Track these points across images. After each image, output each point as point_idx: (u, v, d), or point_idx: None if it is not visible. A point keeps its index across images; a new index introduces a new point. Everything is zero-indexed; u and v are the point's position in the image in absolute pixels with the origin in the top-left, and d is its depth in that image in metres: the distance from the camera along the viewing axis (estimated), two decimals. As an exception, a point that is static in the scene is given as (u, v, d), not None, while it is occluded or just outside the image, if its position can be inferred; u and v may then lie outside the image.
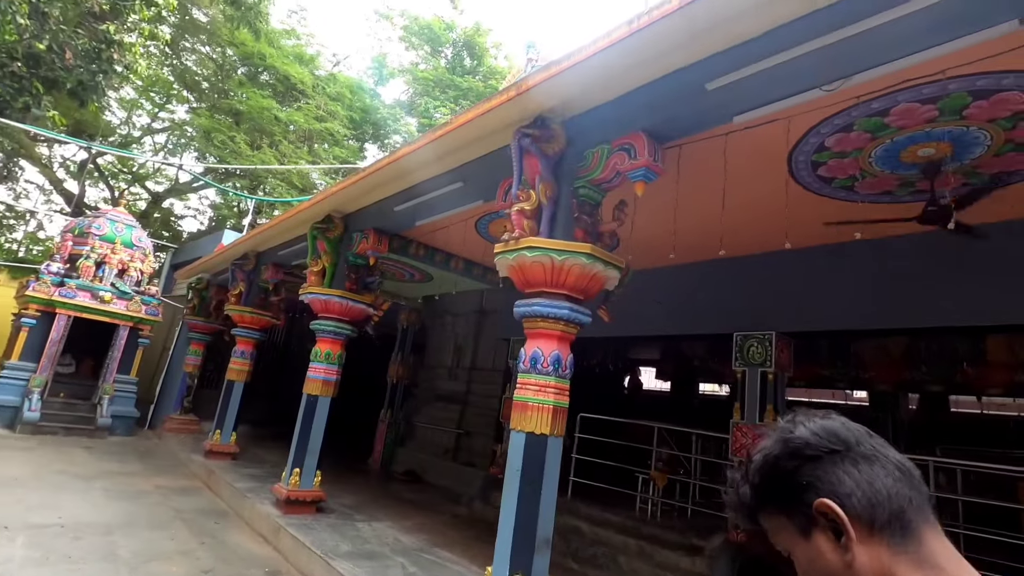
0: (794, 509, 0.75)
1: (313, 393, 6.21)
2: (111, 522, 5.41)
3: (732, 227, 4.96)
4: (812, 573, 0.74)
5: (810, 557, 0.74)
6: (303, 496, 5.93)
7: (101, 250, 11.08)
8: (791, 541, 0.76)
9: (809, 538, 0.74)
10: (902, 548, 0.68)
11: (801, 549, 0.75)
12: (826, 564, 0.72)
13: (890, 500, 0.69)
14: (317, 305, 6.33)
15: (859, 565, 0.68)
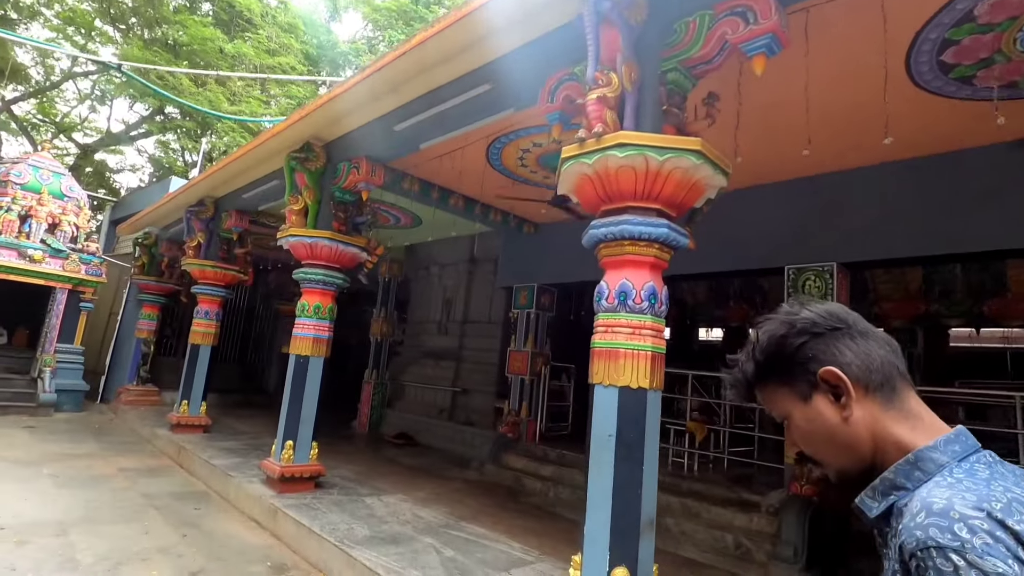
0: (797, 378, 0.85)
1: (302, 353, 5.28)
2: (66, 518, 4.45)
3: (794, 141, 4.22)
4: (810, 431, 0.86)
5: (809, 417, 0.85)
6: (300, 472, 5.09)
7: (24, 201, 9.52)
8: (790, 405, 0.87)
9: (809, 401, 0.85)
10: (889, 405, 0.81)
11: (800, 411, 0.86)
12: (825, 421, 0.83)
13: (882, 367, 0.82)
14: (301, 251, 5.32)
15: (855, 420, 0.81)
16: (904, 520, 0.70)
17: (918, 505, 0.69)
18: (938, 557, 0.63)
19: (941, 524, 0.65)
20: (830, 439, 0.84)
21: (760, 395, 0.92)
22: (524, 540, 4.34)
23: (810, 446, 0.88)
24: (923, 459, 0.76)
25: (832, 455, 0.85)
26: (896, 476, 0.77)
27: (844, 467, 0.85)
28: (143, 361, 10.46)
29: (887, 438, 0.80)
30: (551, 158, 5.26)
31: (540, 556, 3.99)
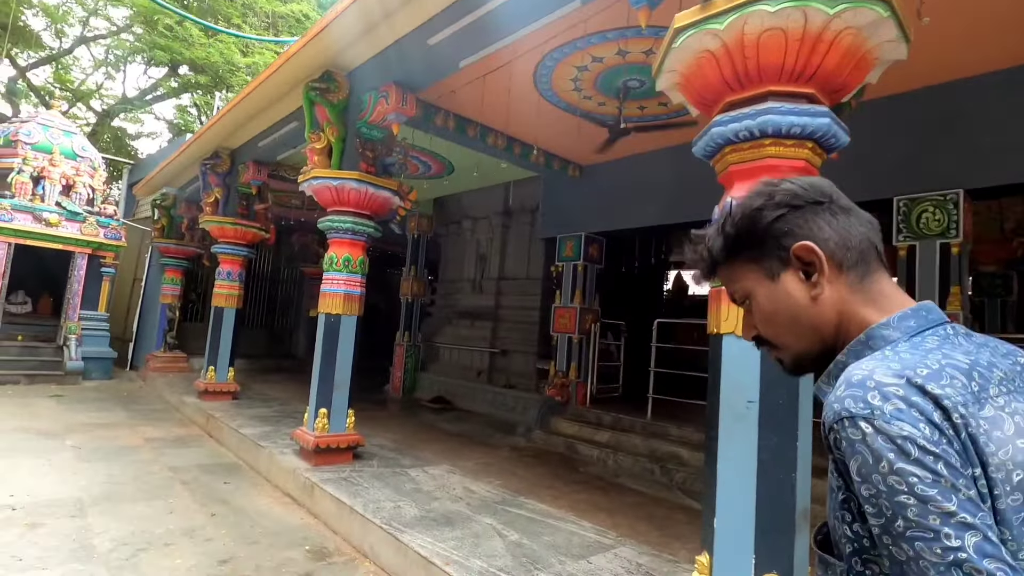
0: (768, 254, 0.77)
1: (333, 312, 4.71)
2: (85, 495, 4.03)
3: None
4: (773, 312, 0.78)
5: (775, 297, 0.78)
6: (336, 442, 4.59)
7: (36, 162, 9.05)
8: (754, 284, 0.79)
9: (777, 280, 0.77)
10: (860, 285, 0.74)
11: (766, 290, 0.78)
12: (791, 301, 0.76)
13: (860, 244, 0.74)
14: (326, 195, 4.68)
15: (823, 299, 0.74)
16: (827, 397, 0.66)
17: (841, 379, 0.65)
18: (848, 427, 0.60)
19: (856, 394, 0.61)
20: (794, 320, 0.77)
21: (723, 274, 0.84)
22: (594, 518, 3.77)
23: (770, 327, 0.80)
24: (874, 336, 0.71)
25: (793, 337, 0.79)
26: (848, 357, 0.73)
27: (804, 350, 0.79)
28: (169, 327, 10.14)
29: (852, 318, 0.74)
30: (612, 76, 4.46)
31: (618, 539, 3.42)
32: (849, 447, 0.60)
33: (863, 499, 0.59)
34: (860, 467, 0.59)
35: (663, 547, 3.39)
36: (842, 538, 0.66)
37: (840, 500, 0.66)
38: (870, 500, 0.58)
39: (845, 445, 0.60)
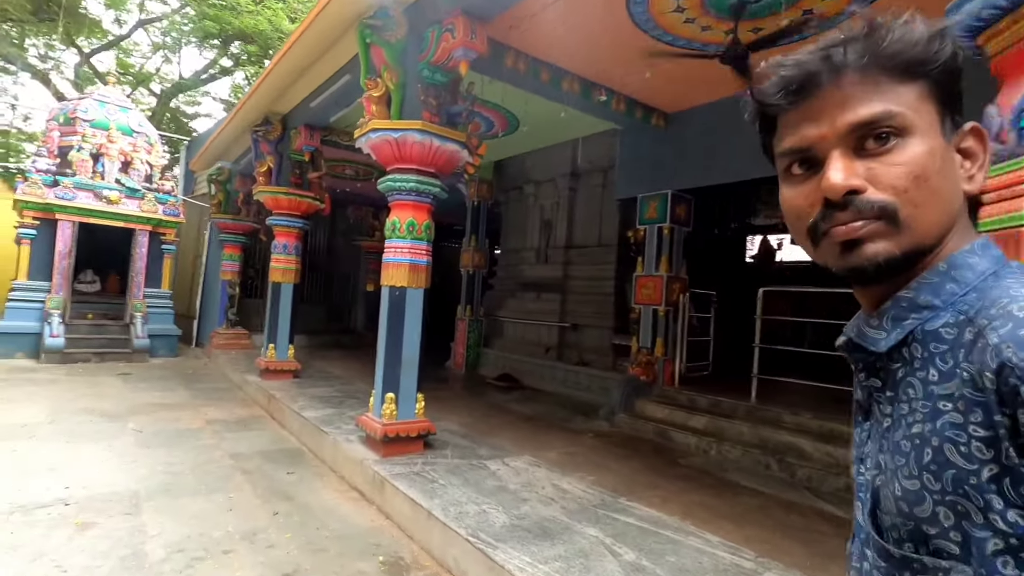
0: (947, 107, 0.56)
1: (397, 284, 4.15)
2: (141, 487, 3.70)
3: None
4: (938, 172, 0.54)
5: (946, 157, 0.56)
6: (406, 430, 4.08)
7: (95, 139, 8.94)
8: (923, 124, 0.54)
9: (947, 141, 0.56)
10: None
11: (934, 143, 0.55)
12: (955, 178, 0.56)
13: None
14: (386, 150, 4.08)
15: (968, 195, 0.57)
16: (1002, 330, 0.45)
17: (996, 309, 0.47)
18: None
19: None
20: (952, 198, 0.56)
21: (875, 84, 0.54)
22: (718, 529, 3.10)
23: (918, 187, 0.53)
24: (958, 265, 0.55)
25: (938, 214, 0.55)
26: (918, 293, 0.55)
27: (934, 237, 0.55)
28: (230, 304, 10.04)
29: (953, 242, 0.56)
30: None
31: (759, 560, 2.74)
32: None
33: None
34: None
35: (818, 571, 2.69)
36: (979, 530, 0.46)
37: (987, 478, 0.45)
38: None
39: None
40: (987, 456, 0.46)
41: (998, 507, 0.45)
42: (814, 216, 0.57)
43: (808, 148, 0.57)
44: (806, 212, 0.58)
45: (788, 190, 0.60)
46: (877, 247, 0.54)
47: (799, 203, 0.59)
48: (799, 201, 0.59)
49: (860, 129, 0.54)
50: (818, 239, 0.57)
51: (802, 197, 0.58)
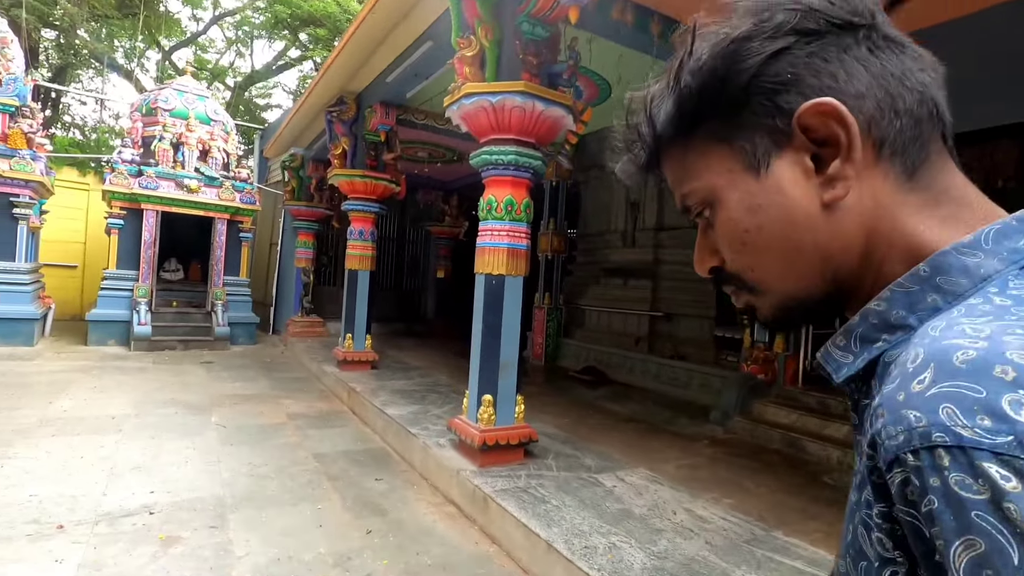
0: (749, 126, 0.44)
1: (495, 272, 3.65)
2: (226, 493, 3.42)
3: None
4: (754, 226, 0.45)
5: (756, 201, 0.45)
6: (505, 437, 3.61)
7: (175, 128, 9.00)
8: (722, 181, 0.46)
9: (762, 171, 0.44)
10: (913, 180, 0.42)
11: (742, 190, 0.45)
12: (787, 208, 0.44)
13: (916, 108, 0.41)
14: (481, 119, 3.56)
15: (847, 204, 0.42)
16: (887, 386, 0.34)
17: (920, 353, 0.33)
18: (951, 468, 0.28)
19: (968, 397, 0.29)
20: (786, 240, 0.45)
21: (670, 165, 0.50)
22: None
23: (744, 254, 0.47)
24: (946, 268, 0.38)
25: (782, 269, 0.46)
26: (890, 306, 0.40)
27: (797, 292, 0.46)
28: (305, 291, 9.99)
29: (896, 238, 0.42)
30: None
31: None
32: (951, 510, 0.28)
33: None
34: (982, 561, 0.27)
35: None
36: None
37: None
38: None
39: (939, 504, 0.28)
40: (887, 554, 0.34)
41: None
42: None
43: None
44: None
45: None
46: (759, 313, 0.50)
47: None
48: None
49: (688, 214, 0.51)
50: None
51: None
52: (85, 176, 11.22)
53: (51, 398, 5.23)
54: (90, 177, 11.27)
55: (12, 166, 7.48)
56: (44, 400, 5.15)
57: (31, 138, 7.80)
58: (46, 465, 3.63)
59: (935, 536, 0.30)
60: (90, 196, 11.16)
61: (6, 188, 7.52)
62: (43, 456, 3.77)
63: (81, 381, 6.01)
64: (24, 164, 7.57)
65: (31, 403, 5.02)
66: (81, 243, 11.16)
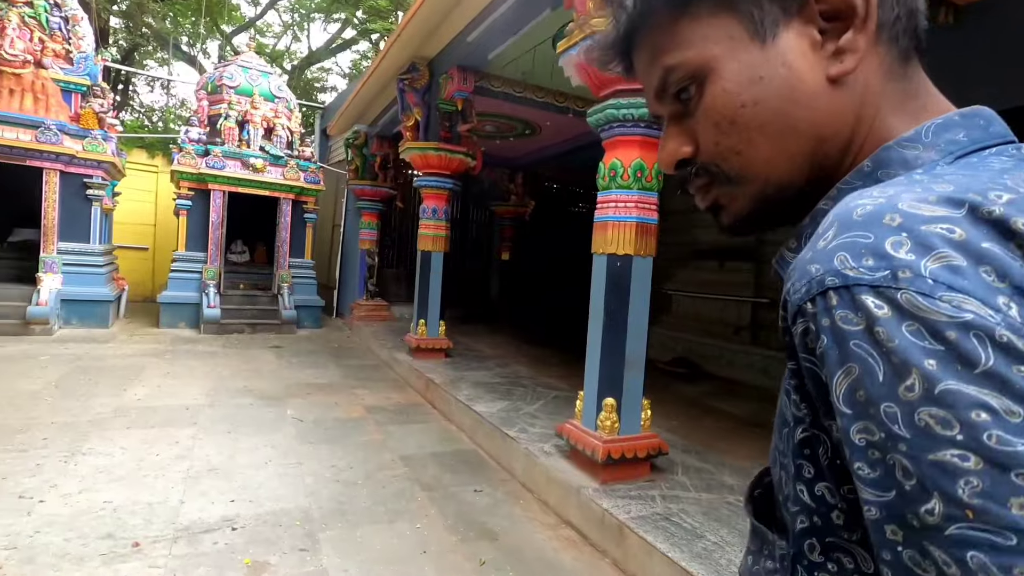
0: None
1: (619, 252, 3.04)
2: (312, 506, 2.99)
3: None
4: (751, 99, 0.43)
5: (757, 72, 0.42)
6: (632, 449, 3.02)
7: (239, 106, 8.76)
8: (721, 49, 0.43)
9: (767, 40, 0.42)
10: (900, 70, 0.43)
11: (743, 60, 0.43)
12: (789, 79, 0.42)
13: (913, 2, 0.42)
14: (599, 75, 2.92)
15: (850, 81, 0.42)
16: (801, 253, 0.36)
17: (829, 219, 0.35)
18: (839, 307, 0.31)
19: (859, 242, 0.31)
20: (782, 116, 0.42)
21: (650, 37, 0.47)
22: None
23: (730, 132, 0.44)
24: (887, 162, 0.40)
25: (771, 151, 0.43)
26: (835, 203, 0.38)
27: (782, 178, 0.44)
28: (369, 274, 9.66)
29: (875, 128, 0.42)
30: None
31: None
32: (835, 344, 0.31)
33: (851, 447, 0.30)
34: (856, 384, 0.30)
35: None
36: (792, 504, 0.38)
37: (799, 440, 0.37)
38: (867, 450, 0.29)
39: (827, 341, 0.31)
40: (799, 412, 0.37)
41: (807, 476, 0.37)
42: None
43: (656, 116, 0.51)
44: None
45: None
46: (729, 208, 0.48)
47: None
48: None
49: (664, 95, 0.48)
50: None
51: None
52: (154, 158, 11.25)
53: (125, 384, 5.03)
54: (159, 159, 11.29)
55: (85, 146, 7.39)
56: (119, 386, 4.94)
57: (102, 118, 7.69)
58: (120, 463, 3.32)
59: (827, 377, 0.32)
60: (159, 178, 11.20)
61: (79, 169, 7.44)
62: (117, 452, 3.47)
63: (154, 366, 5.83)
64: (96, 145, 7.47)
65: (107, 390, 4.81)
66: (151, 225, 11.24)
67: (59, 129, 7.11)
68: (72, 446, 3.51)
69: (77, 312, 7.47)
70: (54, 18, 7.39)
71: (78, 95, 7.61)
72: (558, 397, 4.90)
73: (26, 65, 7.08)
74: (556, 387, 5.29)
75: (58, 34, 7.41)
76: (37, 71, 7.20)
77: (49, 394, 4.55)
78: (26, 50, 7.07)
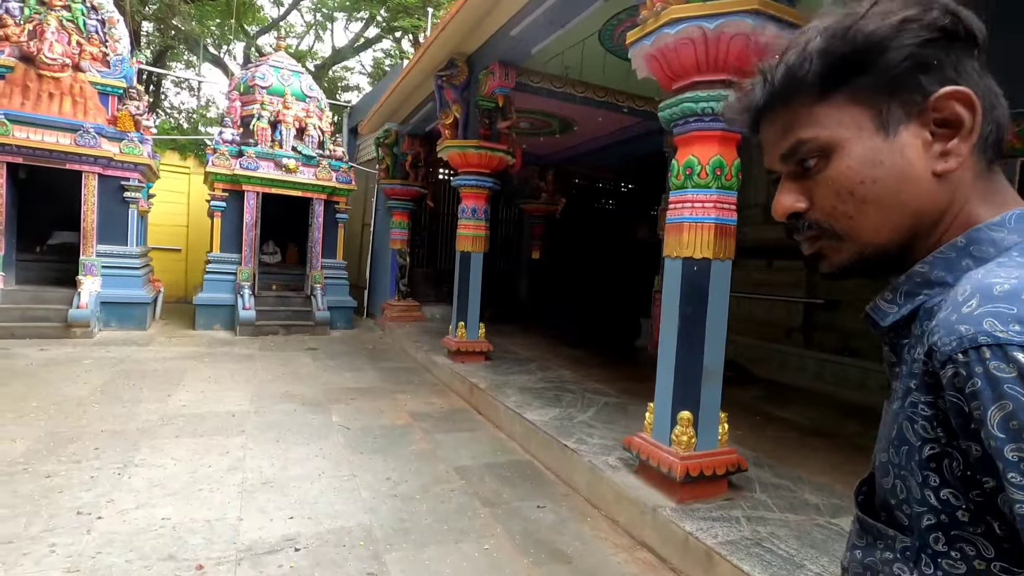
0: (890, 94, 0.52)
1: (695, 256, 2.85)
2: (373, 523, 2.87)
3: None
4: (869, 178, 0.53)
5: (878, 157, 0.53)
6: (711, 466, 2.83)
7: (272, 106, 8.71)
8: (850, 134, 0.54)
9: (892, 135, 0.53)
10: (985, 175, 0.54)
11: (867, 145, 0.53)
12: (903, 168, 0.52)
13: (1001, 118, 0.54)
14: (686, 53, 2.71)
15: (951, 177, 0.52)
16: (941, 313, 0.47)
17: (968, 289, 0.46)
18: (992, 359, 0.41)
19: (1005, 312, 0.41)
20: (893, 196, 0.53)
21: (788, 116, 0.57)
22: None
23: (846, 202, 0.54)
24: (978, 240, 0.51)
25: (878, 221, 0.54)
26: (932, 268, 0.53)
27: (882, 243, 0.55)
28: (401, 274, 9.57)
29: (961, 215, 0.53)
30: None
31: None
32: (990, 386, 0.40)
33: (1005, 462, 0.40)
34: (1010, 415, 0.39)
35: None
36: (918, 505, 0.48)
37: (927, 456, 0.47)
38: (1020, 463, 0.39)
39: (981, 384, 0.41)
40: (929, 435, 0.47)
41: (933, 484, 0.47)
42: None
43: (771, 171, 0.61)
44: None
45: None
46: (829, 260, 0.59)
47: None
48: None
49: (789, 159, 0.57)
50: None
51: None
52: (186, 160, 11.31)
53: (169, 390, 4.98)
54: (190, 161, 11.35)
55: (122, 149, 7.40)
56: (163, 392, 4.89)
57: (138, 120, 7.69)
58: (174, 476, 3.23)
59: (974, 408, 0.41)
60: (191, 180, 11.26)
61: (117, 172, 7.46)
62: (170, 464, 3.39)
63: (195, 370, 5.79)
64: (133, 147, 7.48)
65: (151, 395, 4.77)
66: (184, 226, 11.31)
67: (97, 132, 7.12)
68: (124, 456, 3.44)
69: (116, 314, 7.49)
70: (91, 21, 7.40)
71: (114, 98, 7.62)
72: (608, 404, 4.72)
73: (64, 68, 7.10)
74: (604, 392, 5.11)
75: (95, 37, 7.42)
76: (75, 74, 7.22)
77: (96, 400, 4.52)
78: (64, 53, 7.09)
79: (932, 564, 0.47)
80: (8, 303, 6.84)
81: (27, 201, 7.61)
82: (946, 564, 0.46)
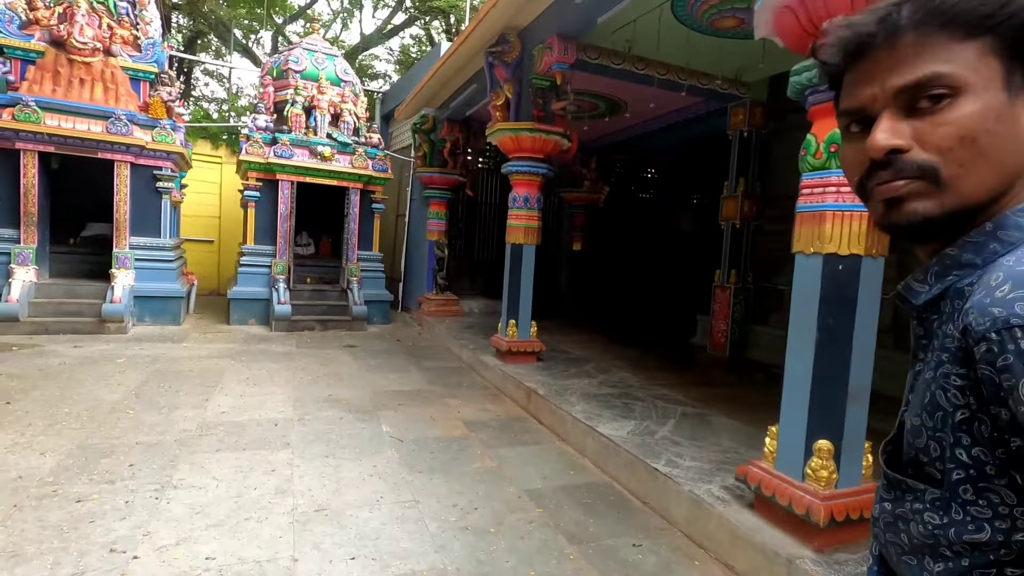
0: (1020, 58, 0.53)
1: (840, 252, 2.33)
2: (448, 566, 2.43)
3: None
4: (990, 131, 0.53)
5: (1002, 114, 0.53)
6: (859, 507, 2.32)
7: (306, 91, 8.33)
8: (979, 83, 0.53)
9: (1010, 96, 0.53)
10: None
11: (992, 102, 0.53)
12: (1015, 133, 0.53)
13: None
14: (789, 19, 2.18)
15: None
16: (975, 296, 0.51)
17: (1000, 275, 0.50)
18: (1022, 338, 0.45)
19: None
20: (1008, 153, 0.54)
21: (928, 47, 0.54)
22: None
23: (964, 148, 0.53)
24: (1005, 225, 0.54)
25: (988, 175, 0.54)
26: (962, 252, 0.56)
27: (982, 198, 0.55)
28: (439, 267, 9.15)
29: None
30: None
31: None
32: (1019, 361, 0.45)
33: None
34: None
35: None
36: (948, 462, 0.53)
37: (959, 420, 0.52)
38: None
39: (1013, 358, 0.45)
40: (961, 402, 0.52)
41: (965, 443, 0.52)
42: (863, 174, 0.59)
43: (862, 109, 0.59)
44: (856, 170, 0.60)
45: (845, 147, 0.63)
46: (916, 205, 0.56)
47: (851, 161, 0.61)
48: (851, 159, 0.61)
49: (909, 91, 0.55)
50: (866, 196, 0.60)
51: (853, 155, 0.60)
52: (218, 149, 11.05)
53: (206, 393, 4.64)
54: (222, 150, 11.09)
55: (154, 137, 7.10)
56: (200, 395, 4.56)
57: (171, 107, 7.39)
58: (217, 500, 2.85)
59: (1004, 380, 0.46)
60: (223, 169, 11.00)
61: (149, 161, 7.17)
62: (211, 485, 3.01)
63: (232, 369, 5.46)
64: (165, 135, 7.17)
65: (188, 399, 4.43)
66: (216, 217, 11.08)
67: (129, 119, 6.82)
68: (162, 476, 3.08)
69: (150, 309, 7.25)
70: (121, 3, 7.09)
71: (146, 83, 7.32)
72: (687, 415, 4.22)
73: (96, 53, 6.80)
74: (676, 400, 4.61)
75: (125, 19, 7.11)
76: (106, 59, 6.92)
77: (130, 405, 4.19)
78: (95, 37, 6.79)
79: (961, 511, 0.52)
80: (42, 297, 6.63)
81: (60, 191, 7.39)
82: (974, 511, 0.51)
